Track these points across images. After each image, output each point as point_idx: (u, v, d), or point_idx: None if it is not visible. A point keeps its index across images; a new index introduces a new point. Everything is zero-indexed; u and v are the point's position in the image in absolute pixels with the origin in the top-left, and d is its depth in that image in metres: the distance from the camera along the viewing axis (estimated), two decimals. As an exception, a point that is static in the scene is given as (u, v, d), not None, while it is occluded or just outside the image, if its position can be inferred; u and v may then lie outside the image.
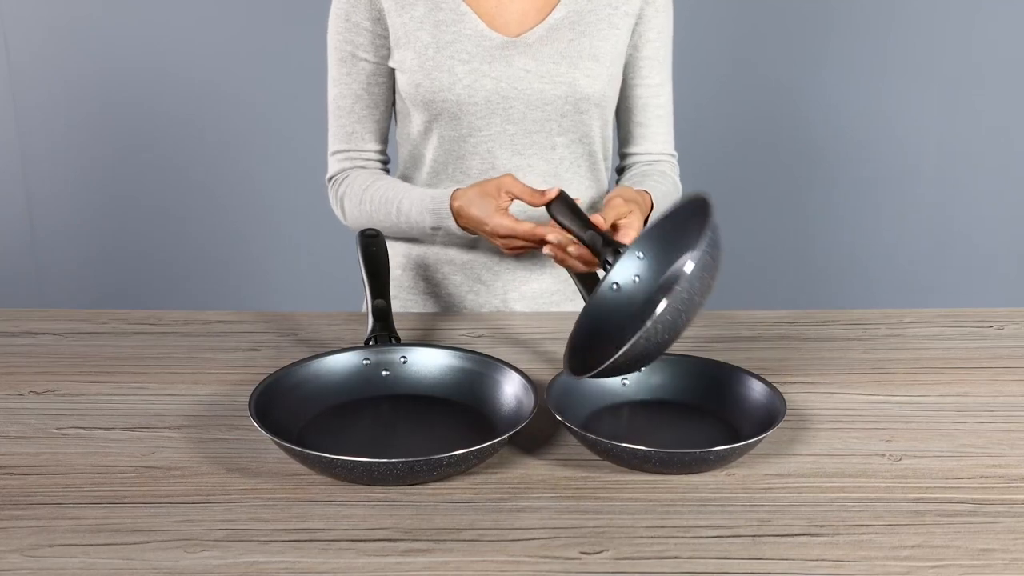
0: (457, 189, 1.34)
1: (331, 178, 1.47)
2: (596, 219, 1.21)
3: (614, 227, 1.24)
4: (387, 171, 1.50)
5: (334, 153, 1.46)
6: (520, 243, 1.27)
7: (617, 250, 1.15)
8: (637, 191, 1.35)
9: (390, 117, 1.47)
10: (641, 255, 1.13)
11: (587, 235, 1.18)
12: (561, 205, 1.22)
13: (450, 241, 1.44)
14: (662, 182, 1.45)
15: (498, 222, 1.26)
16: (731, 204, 2.72)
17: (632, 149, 1.50)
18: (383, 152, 1.48)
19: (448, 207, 1.33)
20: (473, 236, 1.36)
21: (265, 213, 2.74)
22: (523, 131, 1.39)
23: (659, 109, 1.47)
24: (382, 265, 1.27)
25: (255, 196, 2.73)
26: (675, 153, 1.52)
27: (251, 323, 1.37)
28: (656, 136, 1.48)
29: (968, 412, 1.12)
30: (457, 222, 1.33)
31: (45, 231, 2.76)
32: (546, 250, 1.24)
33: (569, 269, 1.27)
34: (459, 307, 1.48)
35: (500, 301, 1.47)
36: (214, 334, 1.33)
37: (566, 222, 1.21)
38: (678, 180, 1.51)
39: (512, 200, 1.28)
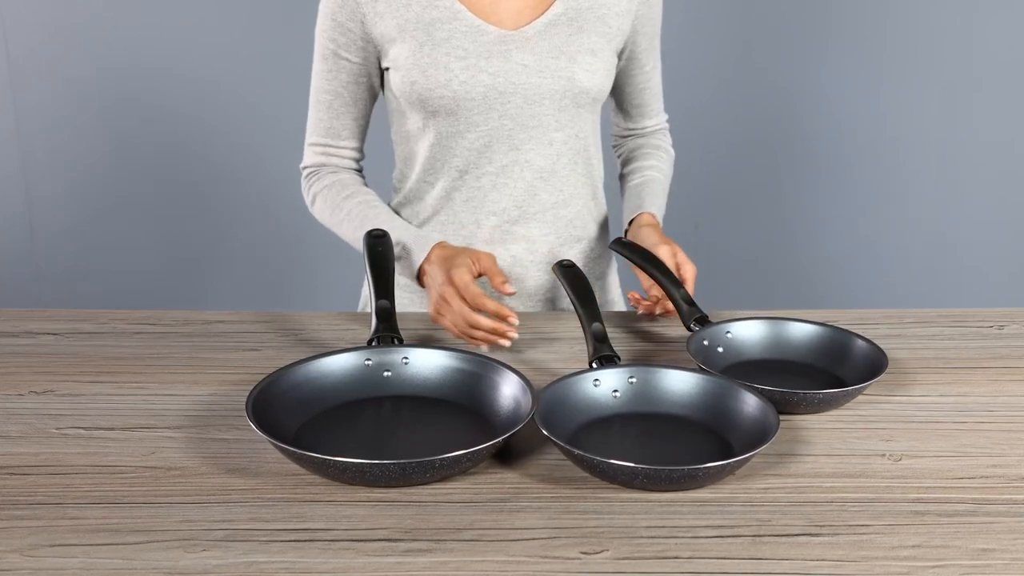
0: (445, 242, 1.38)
1: (306, 167, 1.50)
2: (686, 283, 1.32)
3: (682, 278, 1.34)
4: (360, 170, 1.51)
5: (311, 144, 1.48)
6: (459, 307, 1.26)
7: (704, 319, 1.25)
8: (649, 225, 1.43)
9: (368, 116, 1.48)
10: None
11: (680, 292, 1.28)
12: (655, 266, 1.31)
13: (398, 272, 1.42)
14: (659, 164, 1.55)
15: (462, 274, 1.27)
16: (731, 204, 2.73)
17: (630, 125, 1.59)
18: (359, 150, 1.49)
19: (430, 245, 1.35)
20: (418, 287, 1.39)
21: (265, 213, 2.74)
22: (520, 126, 1.39)
23: (654, 88, 1.55)
24: (388, 266, 1.27)
25: (255, 196, 2.73)
26: (666, 115, 1.61)
27: (251, 323, 1.37)
28: (651, 112, 1.58)
29: (968, 412, 1.12)
30: (424, 267, 1.34)
31: (45, 231, 2.76)
32: (479, 333, 1.24)
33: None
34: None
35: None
36: (214, 334, 1.33)
37: (662, 279, 1.30)
38: (670, 145, 1.61)
39: (479, 275, 1.29)
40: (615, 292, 1.58)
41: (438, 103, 1.37)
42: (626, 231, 1.47)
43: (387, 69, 1.40)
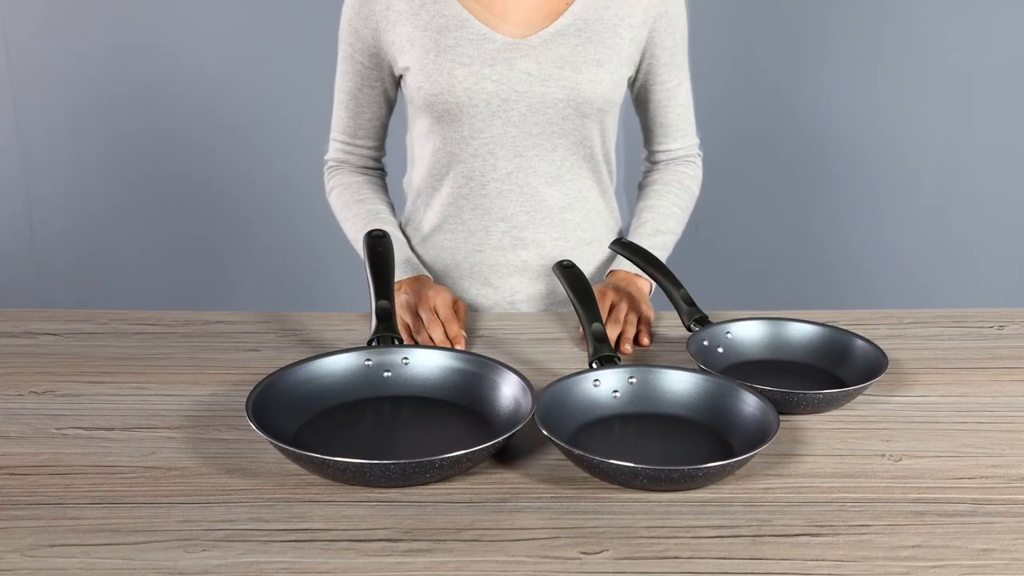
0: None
1: (328, 160, 1.55)
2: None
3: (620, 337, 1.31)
4: (381, 168, 1.56)
5: (334, 139, 1.53)
6: (430, 314, 1.31)
7: (704, 319, 1.25)
8: (625, 276, 1.43)
9: (385, 117, 1.51)
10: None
11: (680, 292, 1.29)
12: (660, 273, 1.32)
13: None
14: (671, 205, 1.51)
15: (443, 294, 1.33)
16: (733, 204, 2.73)
17: (655, 147, 1.55)
18: (377, 148, 1.53)
19: (417, 273, 1.42)
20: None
21: (266, 213, 2.75)
22: (524, 133, 1.39)
23: (678, 108, 1.51)
24: (388, 266, 1.27)
25: (255, 196, 2.73)
26: (697, 141, 1.57)
27: (251, 323, 1.37)
28: (676, 133, 1.53)
29: (968, 412, 1.12)
30: (403, 281, 1.40)
31: (45, 231, 2.76)
32: (424, 337, 1.29)
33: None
34: (469, 309, 1.49)
35: (508, 303, 1.48)
36: (214, 334, 1.33)
37: (661, 278, 1.31)
38: (696, 176, 1.56)
39: (438, 309, 1.32)
40: None
41: (443, 108, 1.38)
42: (610, 270, 1.47)
43: (402, 75, 1.42)
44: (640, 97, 1.51)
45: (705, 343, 1.22)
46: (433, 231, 1.48)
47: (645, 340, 1.30)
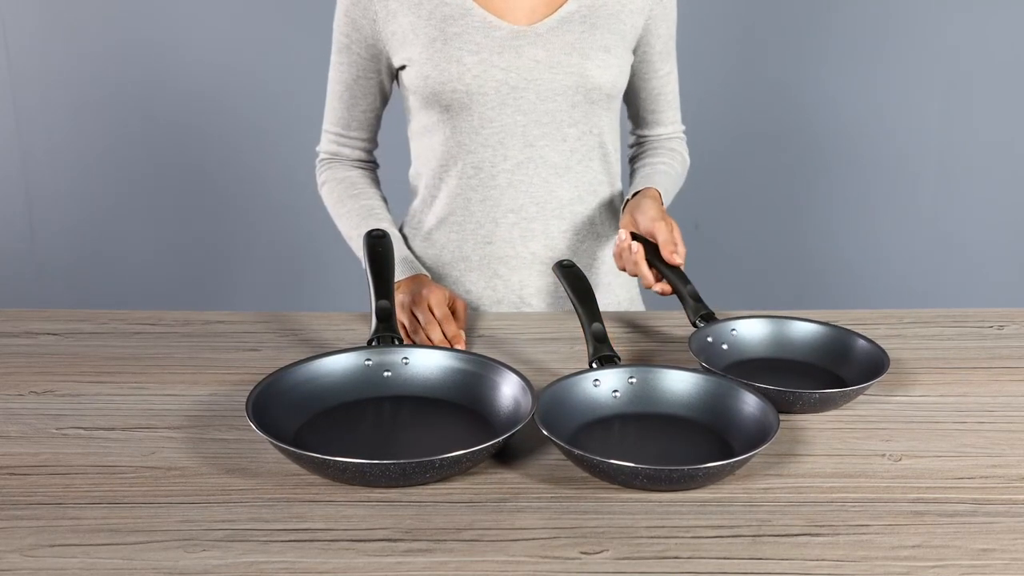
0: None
1: (321, 153, 1.54)
2: (673, 259, 1.27)
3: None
4: (373, 160, 1.55)
5: (326, 131, 1.52)
6: (426, 315, 1.30)
7: (710, 315, 1.23)
8: (652, 198, 1.39)
9: (380, 109, 1.51)
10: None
11: (687, 289, 1.26)
12: (660, 263, 1.29)
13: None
14: (671, 161, 1.53)
15: (438, 293, 1.31)
16: (732, 204, 2.73)
17: (646, 132, 1.57)
18: (371, 140, 1.53)
19: (415, 272, 1.41)
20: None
21: (266, 213, 2.75)
22: (534, 122, 1.40)
23: (669, 95, 1.54)
24: (388, 266, 1.27)
25: (255, 196, 2.73)
26: (683, 126, 1.59)
27: (251, 323, 1.37)
28: (666, 119, 1.56)
29: (968, 412, 1.12)
30: (402, 281, 1.39)
31: (45, 231, 2.76)
32: (422, 337, 1.29)
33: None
34: (476, 303, 1.49)
35: (517, 297, 1.48)
36: (214, 334, 1.33)
37: (669, 274, 1.28)
38: (686, 154, 1.58)
39: (433, 308, 1.31)
40: (634, 289, 1.58)
41: (451, 97, 1.37)
42: (627, 202, 1.43)
43: (402, 68, 1.41)
44: (633, 84, 1.52)
45: (709, 340, 1.22)
46: (439, 223, 1.48)
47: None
